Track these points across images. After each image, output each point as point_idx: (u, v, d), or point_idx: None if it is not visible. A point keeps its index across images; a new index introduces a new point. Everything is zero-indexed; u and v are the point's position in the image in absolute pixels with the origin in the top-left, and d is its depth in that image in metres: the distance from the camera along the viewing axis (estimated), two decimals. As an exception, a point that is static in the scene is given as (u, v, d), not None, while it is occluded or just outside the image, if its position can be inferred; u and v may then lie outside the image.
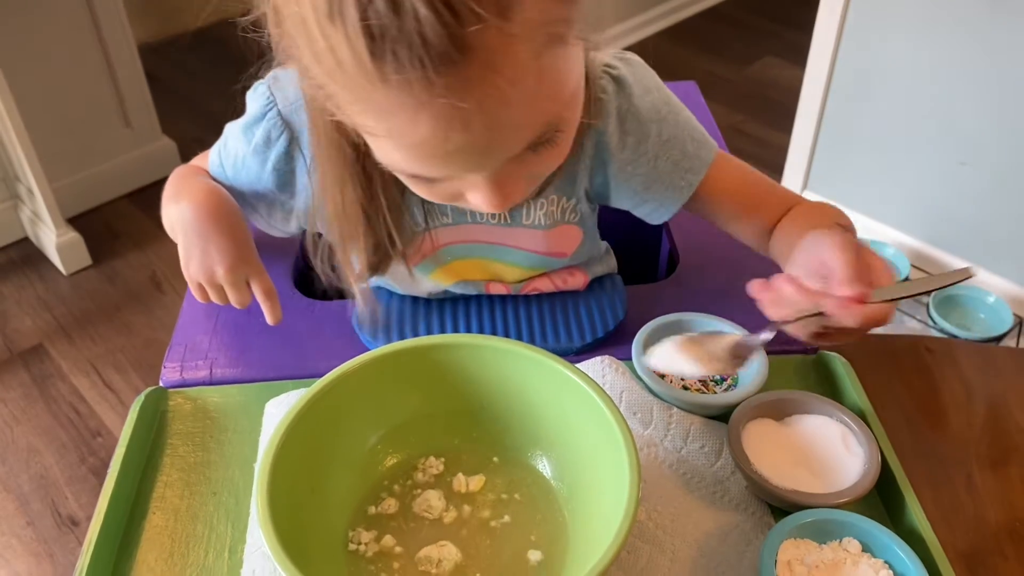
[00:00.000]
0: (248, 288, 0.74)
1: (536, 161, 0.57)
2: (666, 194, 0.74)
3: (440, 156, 0.51)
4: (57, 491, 1.64)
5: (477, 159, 0.52)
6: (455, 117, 0.47)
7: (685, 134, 0.73)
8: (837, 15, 1.89)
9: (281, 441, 0.56)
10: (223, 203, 0.74)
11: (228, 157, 0.77)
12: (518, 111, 0.49)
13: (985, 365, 1.06)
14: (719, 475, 0.65)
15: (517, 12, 0.45)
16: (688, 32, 3.07)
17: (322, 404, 0.60)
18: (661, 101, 0.72)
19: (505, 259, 0.79)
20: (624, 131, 0.71)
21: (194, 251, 0.73)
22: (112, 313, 2.02)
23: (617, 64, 0.71)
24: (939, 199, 1.93)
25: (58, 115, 2.16)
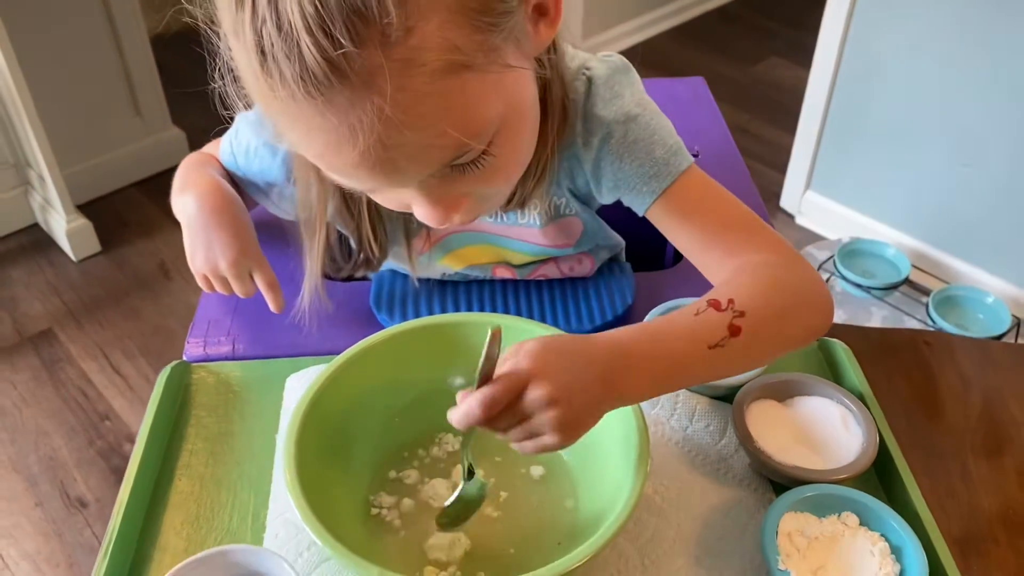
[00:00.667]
0: (251, 279, 0.76)
1: (470, 180, 0.57)
2: (631, 196, 0.71)
3: (345, 170, 0.53)
4: (66, 473, 1.66)
5: (383, 176, 0.53)
6: (343, 135, 0.49)
7: (654, 139, 0.69)
8: (843, 17, 1.91)
9: (306, 411, 0.59)
10: (225, 197, 0.76)
11: (239, 146, 0.79)
12: (414, 134, 0.50)
13: (982, 359, 1.08)
14: (723, 453, 0.68)
15: (403, 39, 0.47)
16: (695, 31, 3.10)
17: (344, 377, 0.62)
18: (632, 103, 0.70)
19: (510, 247, 0.81)
20: (588, 131, 0.70)
21: (198, 245, 0.76)
22: (120, 299, 2.05)
23: (595, 65, 0.70)
24: (941, 200, 1.96)
25: (70, 103, 2.18)
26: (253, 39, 0.48)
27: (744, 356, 0.63)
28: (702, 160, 0.99)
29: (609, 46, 2.91)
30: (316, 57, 0.46)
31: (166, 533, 0.63)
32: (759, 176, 2.36)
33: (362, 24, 0.46)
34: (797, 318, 0.65)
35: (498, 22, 0.52)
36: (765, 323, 0.62)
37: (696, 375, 0.63)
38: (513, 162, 0.60)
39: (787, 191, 2.25)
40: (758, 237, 0.68)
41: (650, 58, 0.75)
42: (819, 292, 0.67)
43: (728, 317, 0.60)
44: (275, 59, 0.47)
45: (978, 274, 1.95)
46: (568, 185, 0.76)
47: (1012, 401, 1.03)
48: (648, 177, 0.69)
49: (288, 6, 0.46)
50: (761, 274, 0.65)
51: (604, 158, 0.70)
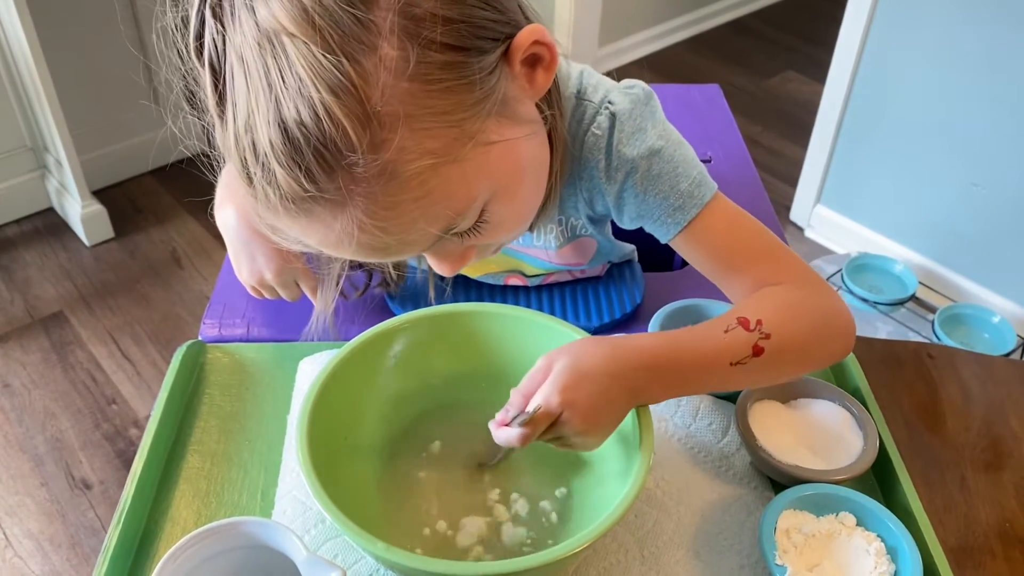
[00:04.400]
0: (297, 285, 0.80)
1: (473, 240, 0.58)
2: (656, 227, 0.72)
3: (353, 254, 0.55)
4: (71, 455, 1.68)
5: (385, 255, 0.56)
6: (331, 240, 0.52)
7: (679, 171, 0.69)
8: (859, 34, 1.92)
9: (319, 390, 0.60)
10: None
11: None
12: (397, 235, 0.52)
13: (984, 374, 1.09)
14: (725, 451, 0.69)
15: (373, 160, 0.48)
16: (711, 43, 3.11)
17: (356, 360, 0.64)
18: (656, 136, 0.70)
19: (525, 260, 0.83)
20: (611, 167, 0.70)
21: (242, 258, 0.79)
22: (132, 286, 2.07)
23: (618, 100, 0.70)
24: (950, 218, 1.96)
25: (90, 90, 2.20)
26: (237, 158, 0.51)
27: (761, 374, 0.65)
28: (715, 166, 1.00)
29: (624, 55, 2.92)
30: (292, 185, 0.48)
31: (177, 506, 0.65)
32: (770, 188, 2.37)
33: (329, 156, 0.47)
34: (819, 344, 0.68)
35: (471, 110, 0.52)
36: (789, 347, 0.64)
37: (711, 386, 0.67)
38: (513, 218, 0.61)
39: (797, 204, 2.26)
40: (784, 264, 0.70)
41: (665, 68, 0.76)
42: (843, 319, 0.69)
43: (755, 338, 0.63)
44: (256, 181, 0.50)
45: (985, 293, 1.96)
46: (587, 212, 0.77)
47: (1013, 416, 1.04)
48: (673, 209, 0.70)
49: (261, 137, 0.48)
50: (789, 300, 0.67)
51: (627, 191, 0.71)
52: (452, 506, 0.63)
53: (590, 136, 0.69)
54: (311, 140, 0.47)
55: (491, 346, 0.68)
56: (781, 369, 0.66)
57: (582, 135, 0.70)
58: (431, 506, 0.63)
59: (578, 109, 0.70)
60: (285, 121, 0.47)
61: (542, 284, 0.87)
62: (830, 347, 0.69)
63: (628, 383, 0.59)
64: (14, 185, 2.19)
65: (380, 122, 0.48)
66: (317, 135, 0.47)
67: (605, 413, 0.58)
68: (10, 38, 1.93)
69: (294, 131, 0.47)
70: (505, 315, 0.67)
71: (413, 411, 0.68)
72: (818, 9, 3.25)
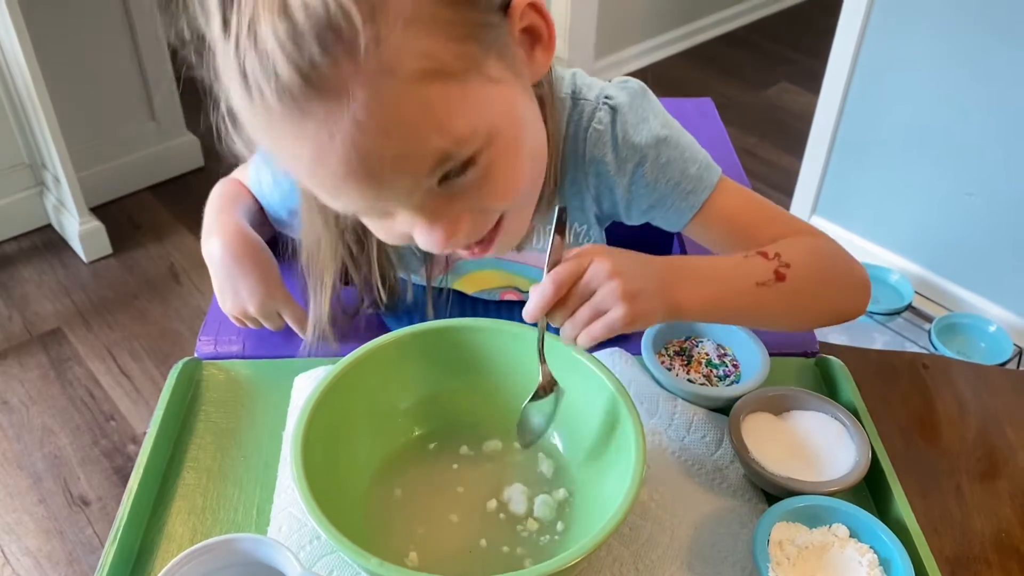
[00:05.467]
0: (280, 317, 0.80)
1: (464, 197, 0.57)
2: (669, 215, 0.74)
3: (335, 185, 0.54)
4: (69, 471, 1.68)
5: (371, 190, 0.54)
6: (322, 144, 0.51)
7: (686, 156, 0.72)
8: (852, 45, 1.94)
9: (314, 407, 0.60)
10: (248, 241, 0.79)
11: (264, 178, 0.83)
12: (391, 141, 0.51)
13: (980, 384, 1.10)
14: (718, 463, 0.69)
15: (374, 50, 0.49)
16: (706, 55, 3.12)
17: (351, 377, 0.64)
18: (659, 125, 0.72)
19: (522, 273, 0.83)
20: (621, 158, 0.72)
21: (226, 290, 0.79)
22: (129, 301, 2.07)
23: (615, 93, 0.72)
24: (945, 228, 1.97)
25: (88, 107, 2.21)
26: (236, 65, 0.51)
27: (787, 305, 0.69)
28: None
29: (620, 68, 2.94)
30: (291, 73, 0.49)
31: (173, 523, 0.65)
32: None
33: (332, 39, 0.48)
34: (838, 287, 0.73)
35: (475, 33, 0.53)
36: (808, 280, 0.69)
37: (742, 309, 0.68)
38: (511, 178, 0.59)
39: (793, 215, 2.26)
40: (798, 227, 0.75)
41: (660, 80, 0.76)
42: (859, 272, 0.74)
43: (774, 264, 0.67)
44: (255, 79, 0.50)
45: (981, 302, 1.97)
46: (594, 210, 0.77)
47: (1008, 426, 1.04)
48: (686, 194, 0.72)
49: (263, 29, 0.49)
50: (806, 242, 0.72)
51: (638, 182, 0.72)
52: (447, 521, 0.63)
53: (592, 132, 0.71)
54: (315, 23, 0.48)
55: (484, 361, 0.68)
56: (805, 304, 0.70)
57: (583, 133, 0.71)
58: (426, 521, 0.63)
59: (575, 109, 0.72)
60: (290, 6, 0.48)
61: None
62: (848, 294, 0.73)
63: (660, 270, 0.63)
64: (12, 202, 2.20)
65: (385, 15, 0.49)
66: (322, 17, 0.48)
67: (639, 277, 0.60)
68: (7, 55, 1.94)
69: (299, 15, 0.48)
70: (497, 330, 0.67)
71: (408, 426, 0.68)
72: (812, 20, 3.26)
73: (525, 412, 0.64)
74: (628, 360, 0.76)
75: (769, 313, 0.70)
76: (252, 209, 0.85)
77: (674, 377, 0.74)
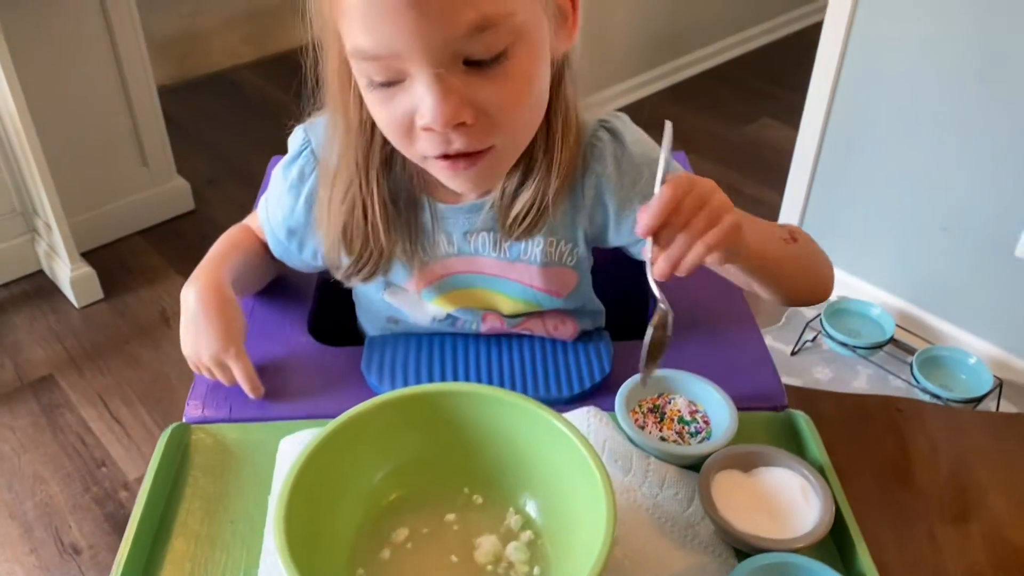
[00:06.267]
0: (231, 372, 0.84)
1: (482, 86, 0.64)
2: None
3: (390, 21, 0.60)
4: (61, 519, 1.69)
5: (414, 23, 0.60)
6: None
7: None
8: (830, 79, 1.98)
9: (296, 476, 0.62)
10: (221, 297, 0.84)
11: (270, 197, 0.88)
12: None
13: (951, 425, 1.12)
14: (690, 520, 0.72)
15: None
16: (689, 91, 3.18)
17: (332, 444, 0.66)
18: (649, 148, 0.82)
19: (503, 290, 0.86)
20: (621, 171, 0.80)
21: (188, 334, 0.84)
22: (121, 346, 2.09)
23: (609, 119, 0.82)
24: (923, 261, 2.01)
25: (79, 153, 2.25)
26: None
27: (800, 265, 0.86)
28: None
29: (603, 106, 2.97)
30: None
31: (162, 590, 0.67)
32: (749, 234, 2.42)
33: None
34: (822, 263, 0.89)
35: None
36: (808, 249, 0.87)
37: (776, 258, 0.82)
38: (521, 91, 0.66)
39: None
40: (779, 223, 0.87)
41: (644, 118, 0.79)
42: (831, 271, 0.90)
43: (786, 231, 0.85)
44: None
45: (962, 335, 2.00)
46: (585, 227, 0.83)
47: (979, 467, 1.07)
48: None
49: None
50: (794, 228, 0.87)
51: (635, 198, 0.80)
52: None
53: (593, 147, 0.80)
54: None
55: (464, 426, 0.70)
56: (808, 266, 0.87)
57: (585, 148, 0.80)
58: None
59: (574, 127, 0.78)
60: None
61: (516, 334, 0.89)
62: (828, 272, 0.90)
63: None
64: (3, 249, 2.22)
65: None
66: None
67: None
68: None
69: None
70: (478, 395, 0.70)
71: (391, 492, 0.71)
72: (792, 55, 3.33)
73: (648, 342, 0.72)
74: (602, 418, 0.78)
75: (790, 268, 0.85)
76: (249, 258, 0.90)
77: (647, 435, 0.76)
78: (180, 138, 2.62)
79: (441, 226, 0.83)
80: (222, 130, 2.93)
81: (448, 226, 0.83)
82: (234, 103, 3.11)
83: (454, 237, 0.83)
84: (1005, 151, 1.75)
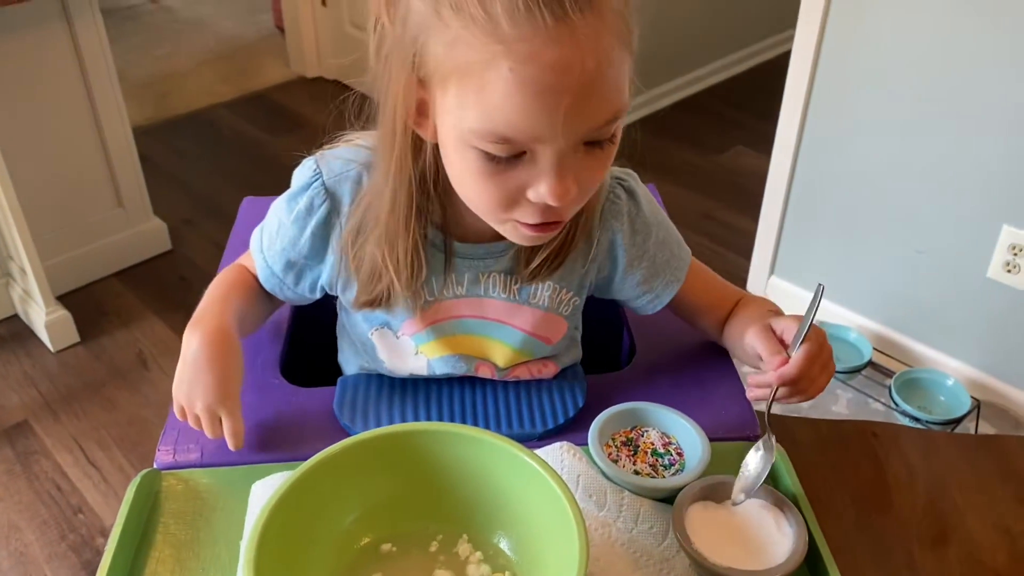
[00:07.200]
0: (220, 425, 0.81)
1: (589, 165, 0.67)
2: (662, 287, 0.88)
3: (549, 99, 0.61)
4: (36, 568, 1.66)
5: (572, 115, 0.62)
6: (570, 59, 0.60)
7: (673, 238, 0.89)
8: (799, 108, 2.01)
9: (266, 521, 0.62)
10: (227, 345, 0.81)
11: (267, 229, 0.86)
12: (603, 84, 0.62)
13: (927, 449, 1.13)
14: (665, 554, 0.71)
15: (611, 8, 0.62)
16: (661, 123, 3.21)
17: (303, 487, 0.66)
18: (655, 210, 0.87)
19: (503, 338, 0.86)
20: (634, 231, 0.85)
21: (185, 379, 0.80)
22: (98, 389, 2.07)
23: (625, 177, 0.86)
24: (898, 285, 2.03)
25: (53, 195, 2.23)
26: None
27: None
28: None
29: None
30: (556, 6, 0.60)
31: (131, 641, 0.66)
32: (726, 262, 2.44)
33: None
34: None
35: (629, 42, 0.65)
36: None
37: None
38: (605, 170, 0.71)
39: (753, 276, 2.31)
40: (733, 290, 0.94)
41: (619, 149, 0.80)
42: None
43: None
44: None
45: (939, 356, 2.01)
46: (592, 279, 0.87)
47: (955, 490, 1.07)
48: (675, 268, 0.88)
49: None
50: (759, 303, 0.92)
51: (644, 256, 0.86)
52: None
53: (610, 205, 0.83)
54: None
55: (437, 465, 0.70)
56: None
57: (600, 203, 0.83)
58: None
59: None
60: None
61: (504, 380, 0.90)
62: None
63: None
64: (-23, 295, 2.20)
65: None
66: None
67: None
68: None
69: None
70: (449, 433, 0.70)
71: (364, 536, 0.70)
72: (765, 84, 3.37)
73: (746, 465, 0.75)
74: (576, 453, 0.78)
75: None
76: (249, 298, 0.88)
77: (620, 469, 0.76)
78: (156, 178, 2.62)
79: (454, 265, 0.82)
80: (199, 169, 2.93)
81: (462, 265, 0.83)
82: (211, 142, 3.11)
83: (465, 277, 0.83)
84: (974, 174, 1.78)
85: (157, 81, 3.53)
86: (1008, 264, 1.80)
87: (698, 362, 0.93)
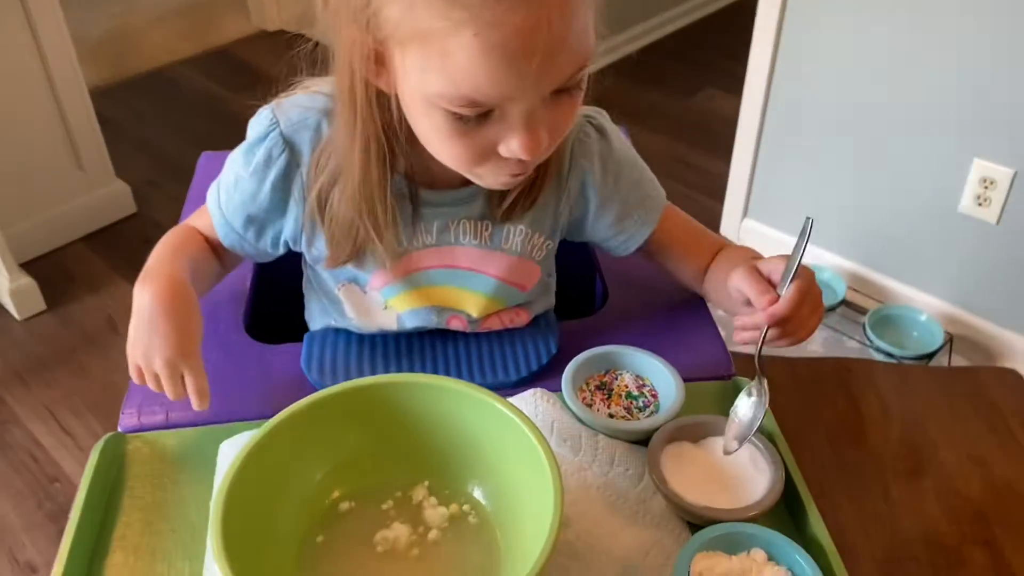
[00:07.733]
0: (182, 383, 0.76)
1: (558, 113, 0.66)
2: (636, 227, 0.86)
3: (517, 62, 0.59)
4: (14, 538, 1.65)
5: (541, 74, 0.61)
6: (537, 19, 0.58)
7: (645, 177, 0.87)
8: (769, 48, 1.98)
9: (233, 479, 0.61)
10: (181, 294, 0.76)
11: (224, 184, 0.82)
12: (570, 38, 0.61)
13: (901, 384, 1.13)
14: (642, 496, 0.71)
15: None
16: (631, 67, 3.17)
17: (269, 444, 0.64)
18: (627, 148, 0.86)
19: (475, 287, 0.84)
20: (605, 170, 0.83)
21: (141, 337, 0.76)
22: (68, 357, 2.03)
23: (595, 115, 0.84)
24: (871, 222, 2.03)
25: (10, 161, 2.17)
26: None
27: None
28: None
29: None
30: None
31: (101, 607, 0.64)
32: (699, 206, 2.42)
33: None
34: None
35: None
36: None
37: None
38: (576, 113, 0.69)
39: (726, 219, 2.31)
40: (714, 238, 0.91)
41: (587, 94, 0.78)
42: None
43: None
44: None
45: (912, 292, 2.02)
46: (564, 220, 0.85)
47: (930, 423, 1.08)
48: (649, 209, 0.86)
49: None
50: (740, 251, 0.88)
51: (616, 195, 0.84)
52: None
53: (579, 143, 0.81)
54: None
55: (408, 417, 0.69)
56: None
57: (570, 143, 0.81)
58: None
59: None
60: None
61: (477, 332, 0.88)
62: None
63: None
64: (-63, 265, 2.15)
65: None
66: None
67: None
68: (-79, 118, 1.90)
69: None
70: (420, 384, 0.68)
71: (329, 488, 0.69)
72: (733, 25, 3.33)
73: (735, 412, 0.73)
74: (550, 399, 0.77)
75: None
76: (197, 259, 0.83)
77: (595, 413, 0.75)
78: (118, 140, 2.55)
79: (422, 214, 0.80)
80: (161, 129, 2.86)
81: (430, 214, 0.80)
82: (172, 101, 3.03)
83: (434, 226, 0.80)
84: (945, 107, 1.77)
85: (113, 40, 3.42)
86: (979, 197, 1.80)
87: (671, 304, 0.92)
